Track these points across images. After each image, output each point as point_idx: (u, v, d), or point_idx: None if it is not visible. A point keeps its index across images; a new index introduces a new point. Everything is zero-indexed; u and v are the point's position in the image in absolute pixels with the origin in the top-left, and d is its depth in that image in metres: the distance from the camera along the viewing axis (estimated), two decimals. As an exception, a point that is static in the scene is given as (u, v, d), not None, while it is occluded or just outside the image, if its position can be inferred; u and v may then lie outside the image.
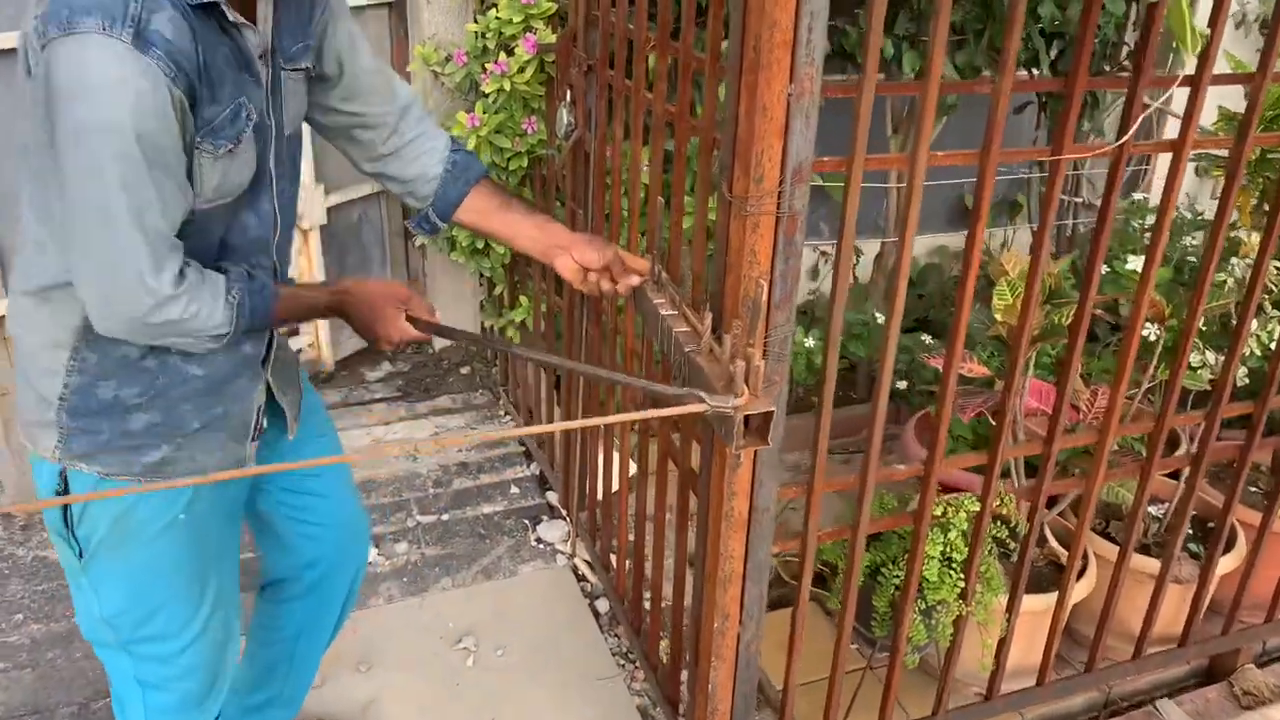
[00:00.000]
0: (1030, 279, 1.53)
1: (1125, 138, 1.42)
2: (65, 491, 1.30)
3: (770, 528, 1.53)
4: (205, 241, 1.26)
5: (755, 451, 1.44)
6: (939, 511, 1.73)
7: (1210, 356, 2.03)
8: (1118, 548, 1.93)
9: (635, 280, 1.48)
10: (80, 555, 1.34)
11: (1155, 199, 3.22)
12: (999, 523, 1.88)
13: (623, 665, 2.23)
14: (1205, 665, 2.28)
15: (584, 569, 2.50)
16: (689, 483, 1.73)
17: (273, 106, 1.29)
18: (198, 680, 1.46)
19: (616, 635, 2.31)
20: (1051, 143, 1.45)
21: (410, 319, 1.40)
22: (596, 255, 1.45)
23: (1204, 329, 2.14)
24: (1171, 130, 1.67)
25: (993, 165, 1.40)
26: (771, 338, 1.38)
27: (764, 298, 1.32)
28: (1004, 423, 1.63)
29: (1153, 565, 2.04)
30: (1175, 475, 2.15)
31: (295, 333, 3.10)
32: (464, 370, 3.32)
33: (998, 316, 1.77)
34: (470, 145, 2.42)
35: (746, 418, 1.24)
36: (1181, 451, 2.16)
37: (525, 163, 2.52)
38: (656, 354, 1.87)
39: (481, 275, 2.99)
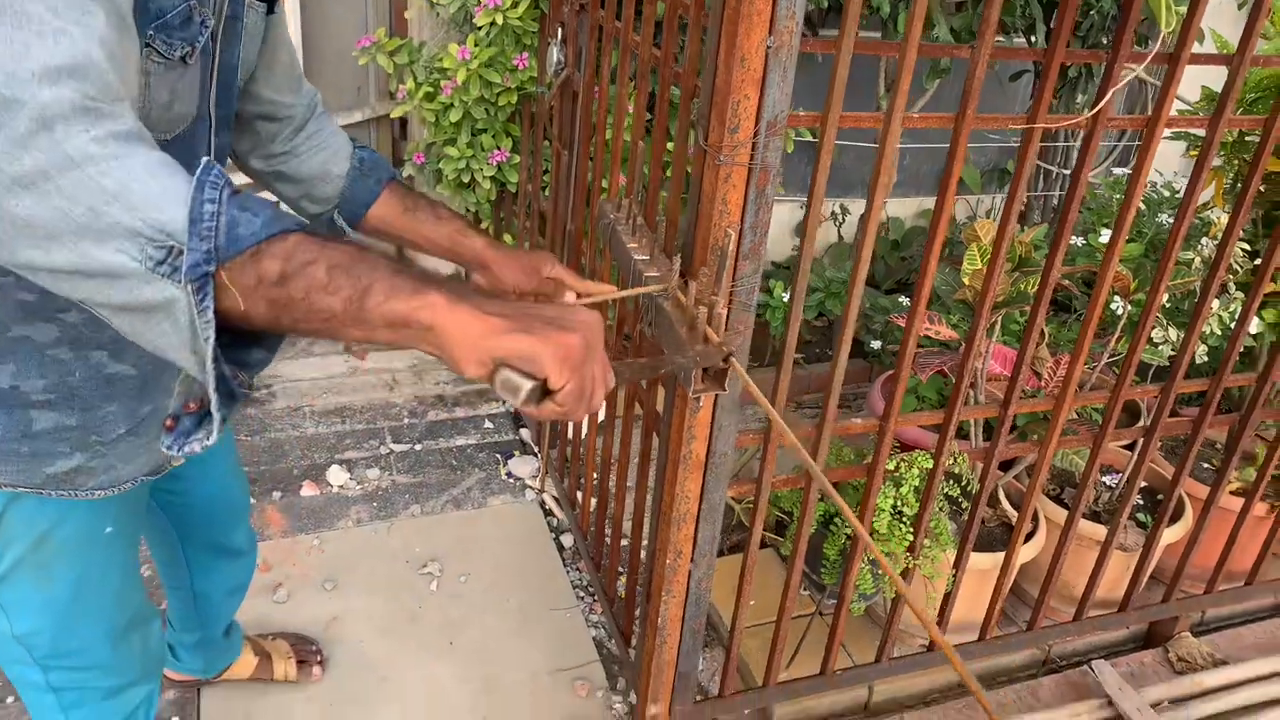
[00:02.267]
0: (997, 245, 1.56)
1: (1097, 108, 1.44)
2: None
3: (727, 471, 1.58)
4: None
5: (715, 397, 1.48)
6: (893, 466, 1.78)
7: (1173, 333, 2.07)
8: (1066, 512, 1.99)
9: (570, 299, 1.30)
10: None
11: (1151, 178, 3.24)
12: (952, 481, 1.94)
13: (582, 598, 2.29)
14: (1144, 630, 2.37)
15: (551, 505, 2.56)
16: (652, 425, 1.78)
17: (227, 35, 1.08)
18: (120, 677, 1.36)
19: (578, 569, 2.37)
20: (1030, 112, 1.47)
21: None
22: (513, 279, 1.28)
23: (1168, 305, 2.18)
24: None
25: (966, 130, 1.42)
26: (738, 287, 1.42)
27: (732, 247, 1.35)
28: (960, 384, 1.67)
29: (1100, 532, 2.11)
30: (1132, 447, 2.21)
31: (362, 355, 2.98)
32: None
33: (965, 280, 1.81)
34: (460, 78, 2.42)
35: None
36: (1140, 424, 2.21)
37: (514, 99, 2.52)
38: (629, 301, 1.89)
39: (467, 210, 3.00)
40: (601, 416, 2.23)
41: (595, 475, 2.20)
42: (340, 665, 2.05)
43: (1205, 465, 2.44)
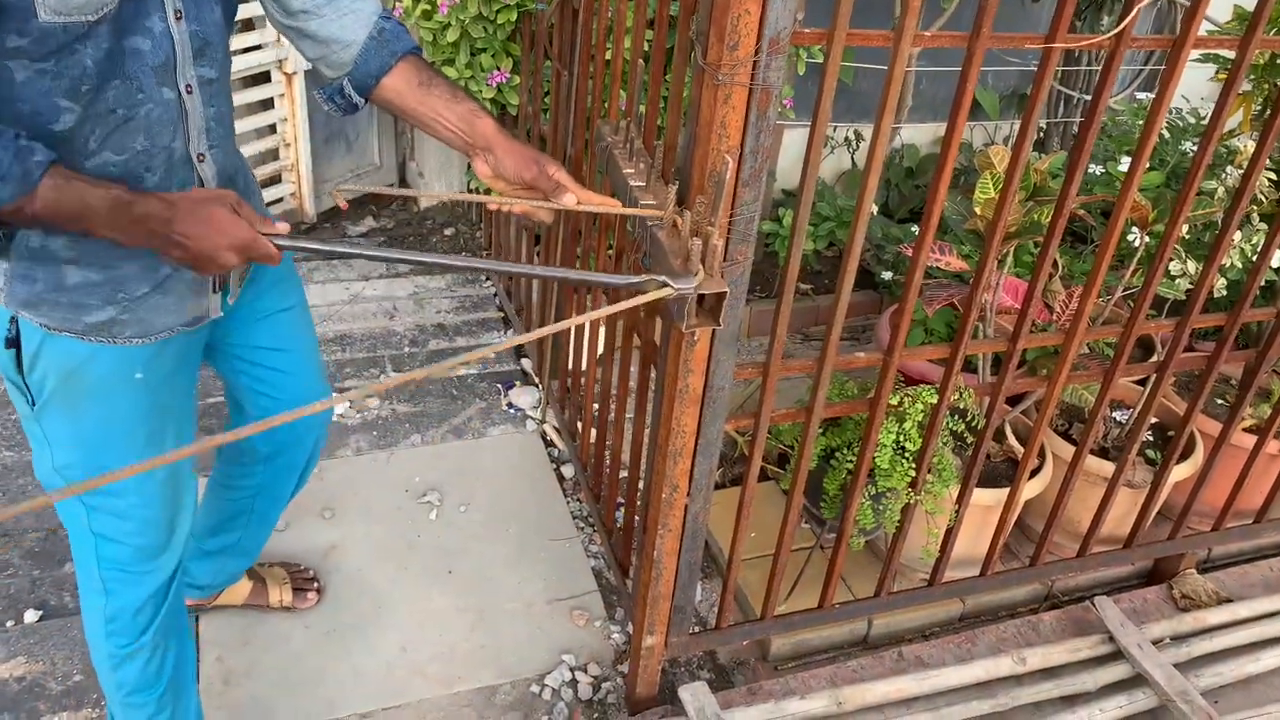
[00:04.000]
0: (1010, 173, 1.49)
1: (1120, 27, 1.36)
2: (16, 338, 1.23)
3: (724, 405, 1.54)
4: (69, 75, 1.04)
5: (713, 330, 1.44)
6: (896, 401, 1.74)
7: (1191, 266, 2.00)
8: (1074, 448, 1.95)
9: (570, 201, 1.27)
10: (32, 404, 1.29)
11: (1177, 103, 3.12)
12: (957, 417, 1.90)
13: (581, 528, 2.28)
14: (1149, 567, 2.35)
15: (552, 435, 2.54)
16: (650, 356, 1.74)
17: None
18: (152, 536, 1.43)
19: (578, 500, 2.36)
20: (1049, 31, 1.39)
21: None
22: (514, 167, 1.27)
23: (1188, 237, 2.11)
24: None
25: (980, 50, 1.34)
26: (738, 216, 1.36)
27: (730, 174, 1.29)
28: (969, 317, 1.62)
29: (1107, 468, 2.07)
30: (1144, 382, 2.16)
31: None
32: (448, 231, 3.28)
33: (976, 210, 1.74)
34: (457, -7, 2.33)
35: (700, 296, 1.23)
36: (1154, 360, 2.16)
37: (514, 16, 2.42)
38: (630, 232, 1.84)
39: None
40: (601, 347, 2.19)
41: (595, 406, 2.17)
42: (338, 592, 2.05)
43: (1219, 401, 2.39)
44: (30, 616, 1.92)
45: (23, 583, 1.99)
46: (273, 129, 3.02)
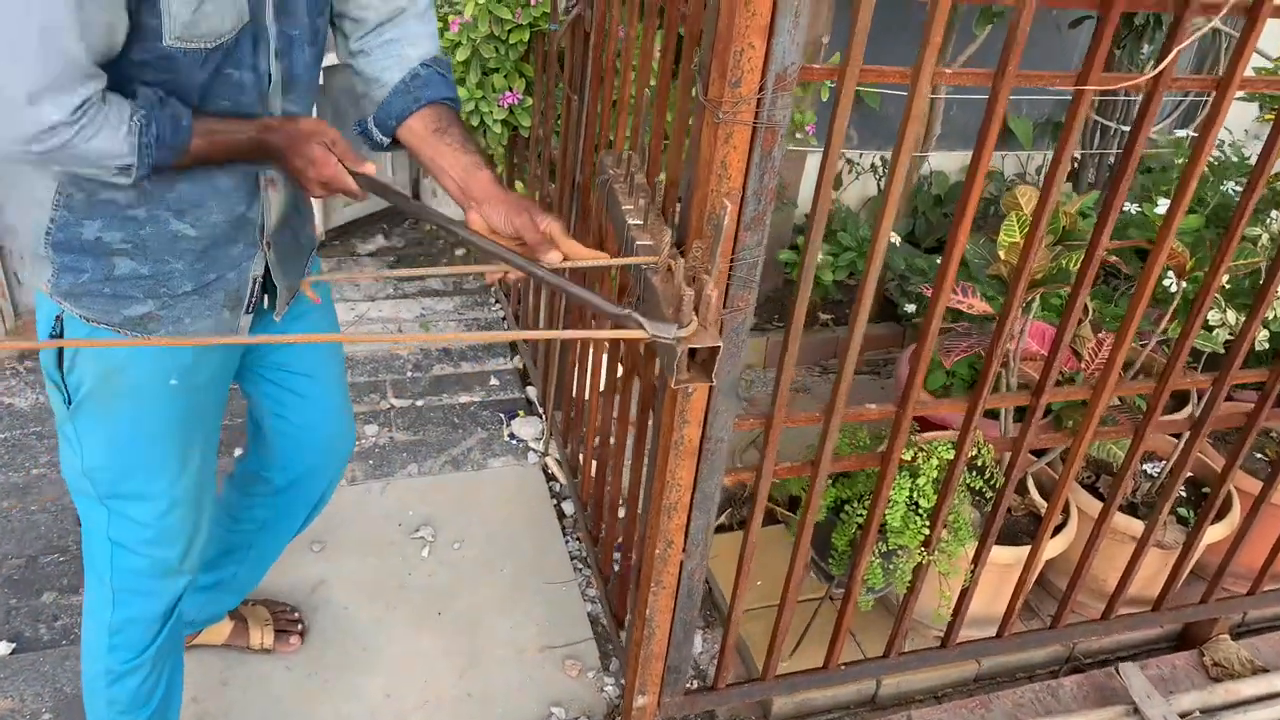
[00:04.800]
0: (1035, 219, 1.39)
1: (1161, 67, 1.25)
2: (60, 334, 1.26)
3: (723, 458, 1.44)
4: (181, 90, 1.15)
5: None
6: (909, 456, 1.64)
7: (1231, 316, 1.88)
8: (1101, 504, 1.83)
9: (555, 259, 1.22)
10: (68, 403, 1.31)
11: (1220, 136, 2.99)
12: (975, 474, 1.78)
13: (579, 569, 2.19)
14: (1179, 631, 2.22)
15: (554, 469, 2.45)
16: (649, 399, 1.64)
17: None
18: (169, 550, 1.43)
19: (577, 539, 2.26)
20: (1081, 66, 1.29)
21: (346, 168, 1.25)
22: (501, 220, 1.26)
23: (1228, 286, 1.99)
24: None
25: (1005, 89, 1.24)
26: (739, 261, 1.27)
27: (729, 219, 1.20)
28: (988, 369, 1.52)
29: (1136, 527, 1.95)
30: (1179, 434, 2.04)
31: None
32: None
33: (1000, 254, 1.63)
34: (468, 13, 2.26)
35: (692, 350, 1.14)
36: (1189, 412, 2.03)
37: (526, 36, 2.35)
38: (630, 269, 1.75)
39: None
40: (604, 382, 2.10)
41: (596, 442, 2.08)
42: (323, 632, 1.97)
43: (1258, 455, 2.26)
44: (2, 649, 1.86)
45: (-2, 612, 1.93)
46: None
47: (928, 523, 1.66)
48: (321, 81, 1.41)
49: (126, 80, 1.11)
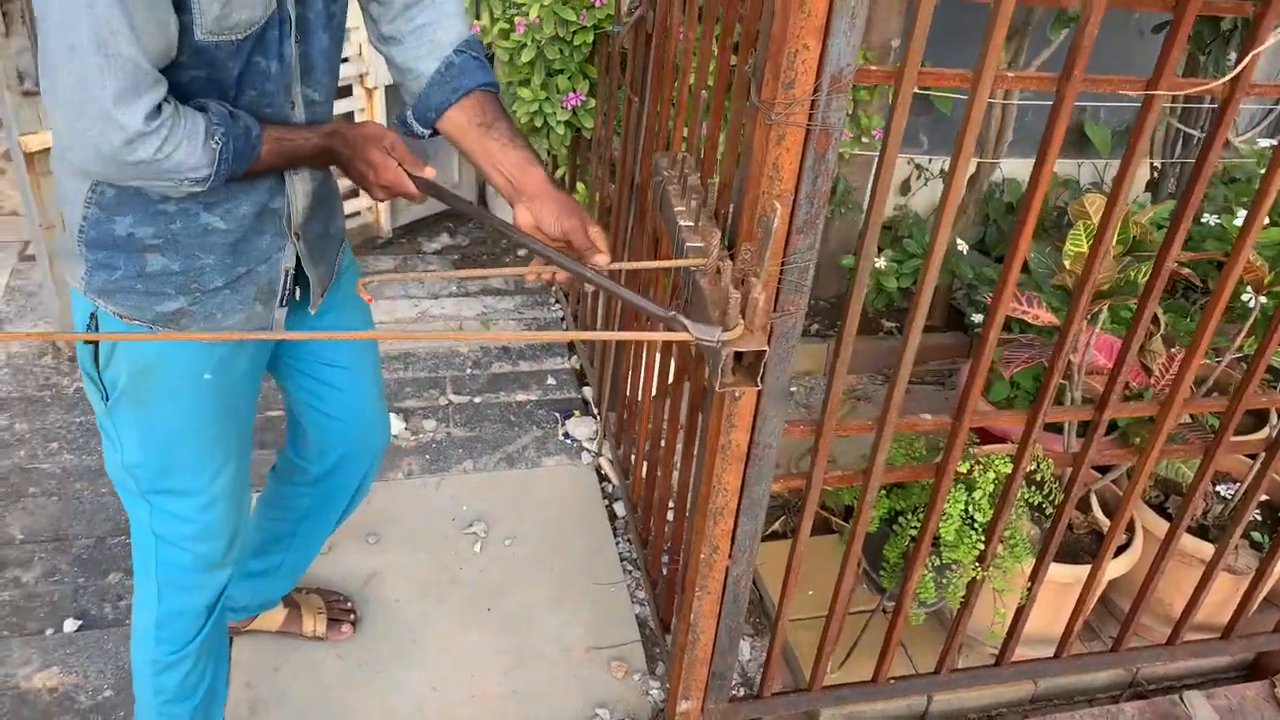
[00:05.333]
0: (1101, 229, 1.34)
1: (1236, 70, 1.20)
2: (95, 330, 1.29)
3: (770, 464, 1.43)
4: (217, 82, 1.17)
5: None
6: (965, 469, 1.60)
7: (1313, 333, 1.80)
8: (1169, 524, 1.77)
9: (602, 262, 1.24)
10: (105, 399, 1.33)
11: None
12: (1034, 488, 1.73)
13: (629, 571, 2.19)
14: (1249, 660, 2.12)
15: (607, 469, 2.45)
16: (699, 402, 1.63)
17: None
18: (211, 545, 1.45)
19: (628, 540, 2.26)
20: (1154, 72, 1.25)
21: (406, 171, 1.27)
22: (552, 220, 1.26)
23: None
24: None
25: (1071, 95, 1.20)
26: (790, 265, 1.25)
27: (780, 221, 1.19)
28: (1049, 382, 1.47)
29: (1205, 550, 1.88)
30: (1254, 455, 1.95)
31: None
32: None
33: (1066, 264, 1.59)
34: (532, 15, 2.27)
35: (737, 354, 1.13)
36: (1266, 433, 1.95)
37: (590, 38, 2.35)
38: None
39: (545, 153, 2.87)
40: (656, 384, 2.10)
41: (647, 445, 2.08)
42: (374, 623, 2.00)
43: (1340, 480, 2.15)
44: (70, 626, 1.92)
45: (67, 590, 2.00)
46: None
47: (983, 537, 1.62)
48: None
49: (170, 78, 1.12)
